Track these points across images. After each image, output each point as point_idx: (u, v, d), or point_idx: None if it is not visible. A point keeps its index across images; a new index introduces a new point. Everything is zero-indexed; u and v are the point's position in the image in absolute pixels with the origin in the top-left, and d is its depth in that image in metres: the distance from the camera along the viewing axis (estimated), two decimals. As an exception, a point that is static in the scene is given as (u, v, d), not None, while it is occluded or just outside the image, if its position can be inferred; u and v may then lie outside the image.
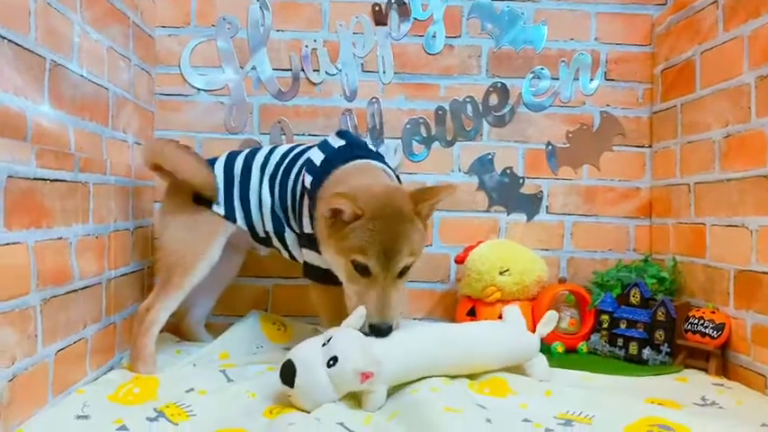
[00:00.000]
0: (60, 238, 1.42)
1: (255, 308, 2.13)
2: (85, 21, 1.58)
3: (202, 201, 1.74)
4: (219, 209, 1.75)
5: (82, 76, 1.57)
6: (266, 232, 1.78)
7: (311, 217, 1.60)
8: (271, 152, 1.80)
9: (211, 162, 1.81)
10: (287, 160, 1.75)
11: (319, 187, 1.56)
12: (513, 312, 1.67)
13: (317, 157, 1.64)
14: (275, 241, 1.79)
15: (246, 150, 1.85)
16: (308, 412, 1.31)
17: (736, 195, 1.72)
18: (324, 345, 1.37)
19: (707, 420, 1.29)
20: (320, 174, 1.59)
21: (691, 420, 1.26)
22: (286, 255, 1.82)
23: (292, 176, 1.70)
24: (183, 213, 1.74)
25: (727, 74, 1.76)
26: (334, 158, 1.62)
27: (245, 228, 1.77)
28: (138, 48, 1.99)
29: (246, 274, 2.16)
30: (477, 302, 1.96)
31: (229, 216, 1.75)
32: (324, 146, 1.68)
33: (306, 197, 1.62)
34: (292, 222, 1.71)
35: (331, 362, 1.33)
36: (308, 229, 1.62)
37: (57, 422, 1.23)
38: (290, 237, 1.74)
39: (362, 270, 1.46)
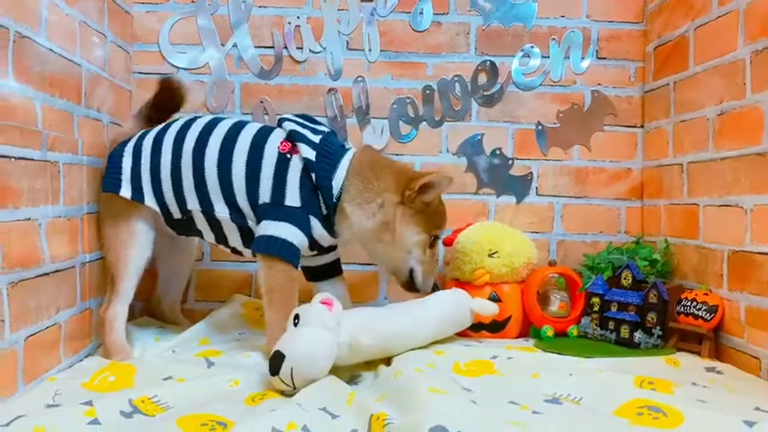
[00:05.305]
0: (28, 219, 1.36)
1: (238, 293, 2.09)
2: (54, -7, 1.51)
3: (110, 188, 1.67)
4: (127, 192, 1.66)
5: (51, 50, 1.49)
6: (186, 212, 1.67)
7: (325, 188, 1.60)
8: (186, 128, 1.70)
9: (125, 143, 1.72)
10: (221, 133, 1.66)
11: (335, 167, 1.63)
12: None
13: (304, 131, 1.65)
14: (199, 221, 1.68)
15: (160, 126, 1.75)
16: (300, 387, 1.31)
17: (730, 174, 1.68)
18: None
19: (698, 403, 1.25)
20: (328, 151, 1.63)
21: (681, 403, 1.22)
22: (211, 237, 1.72)
23: (243, 149, 1.63)
24: (108, 207, 1.70)
25: (722, 50, 1.72)
26: (334, 140, 1.71)
27: (155, 208, 1.68)
28: (115, 24, 1.91)
29: (229, 258, 2.09)
30: (466, 285, 1.91)
31: (137, 198, 1.67)
32: (305, 126, 1.68)
33: (291, 166, 1.60)
34: (238, 196, 1.62)
35: (296, 320, 1.41)
36: (293, 201, 1.58)
37: (25, 411, 1.17)
38: (222, 212, 1.64)
39: (433, 242, 1.73)
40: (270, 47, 2.13)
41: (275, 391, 1.34)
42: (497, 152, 2.17)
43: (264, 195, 1.60)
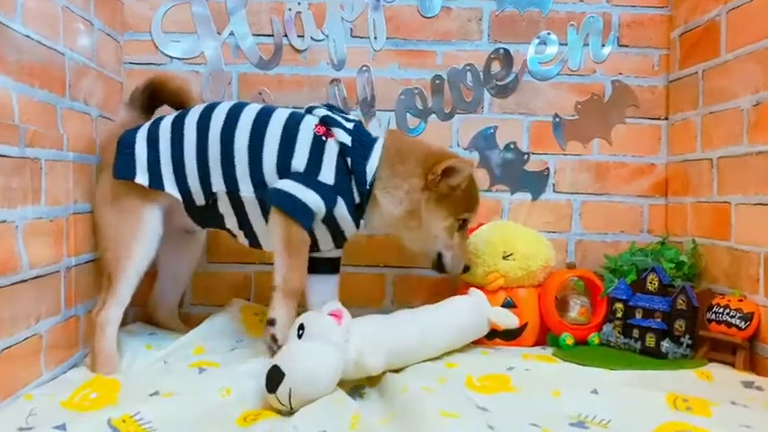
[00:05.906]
0: (3, 222, 1.25)
1: (236, 297, 1.98)
2: (32, -24, 1.39)
3: (124, 175, 1.57)
4: (143, 179, 1.57)
5: (28, 37, 1.38)
6: (210, 195, 1.59)
7: (360, 173, 1.57)
8: (210, 110, 1.63)
9: (135, 130, 1.63)
10: (251, 115, 1.60)
11: (368, 153, 1.60)
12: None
13: (337, 117, 1.63)
14: (223, 205, 1.61)
15: (176, 113, 1.67)
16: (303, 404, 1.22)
17: (766, 170, 1.55)
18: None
19: (741, 428, 1.13)
20: (361, 138, 1.60)
21: (721, 428, 1.11)
22: (233, 223, 1.64)
23: (276, 128, 1.58)
24: (111, 198, 1.59)
25: (758, 34, 1.58)
26: (364, 129, 1.70)
27: (177, 195, 1.59)
28: (103, 11, 1.80)
29: (226, 259, 1.99)
30: (479, 290, 1.79)
31: (155, 185, 1.57)
32: (336, 110, 1.68)
33: (327, 149, 1.57)
34: (267, 176, 1.56)
35: (300, 331, 1.32)
36: (326, 179, 1.55)
37: (-7, 434, 1.07)
38: (247, 191, 1.57)
39: (463, 224, 1.69)
40: (269, 35, 2.02)
41: (271, 410, 1.23)
42: (512, 146, 2.06)
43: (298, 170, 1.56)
